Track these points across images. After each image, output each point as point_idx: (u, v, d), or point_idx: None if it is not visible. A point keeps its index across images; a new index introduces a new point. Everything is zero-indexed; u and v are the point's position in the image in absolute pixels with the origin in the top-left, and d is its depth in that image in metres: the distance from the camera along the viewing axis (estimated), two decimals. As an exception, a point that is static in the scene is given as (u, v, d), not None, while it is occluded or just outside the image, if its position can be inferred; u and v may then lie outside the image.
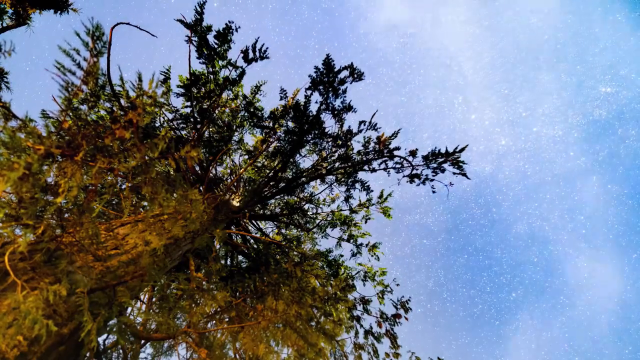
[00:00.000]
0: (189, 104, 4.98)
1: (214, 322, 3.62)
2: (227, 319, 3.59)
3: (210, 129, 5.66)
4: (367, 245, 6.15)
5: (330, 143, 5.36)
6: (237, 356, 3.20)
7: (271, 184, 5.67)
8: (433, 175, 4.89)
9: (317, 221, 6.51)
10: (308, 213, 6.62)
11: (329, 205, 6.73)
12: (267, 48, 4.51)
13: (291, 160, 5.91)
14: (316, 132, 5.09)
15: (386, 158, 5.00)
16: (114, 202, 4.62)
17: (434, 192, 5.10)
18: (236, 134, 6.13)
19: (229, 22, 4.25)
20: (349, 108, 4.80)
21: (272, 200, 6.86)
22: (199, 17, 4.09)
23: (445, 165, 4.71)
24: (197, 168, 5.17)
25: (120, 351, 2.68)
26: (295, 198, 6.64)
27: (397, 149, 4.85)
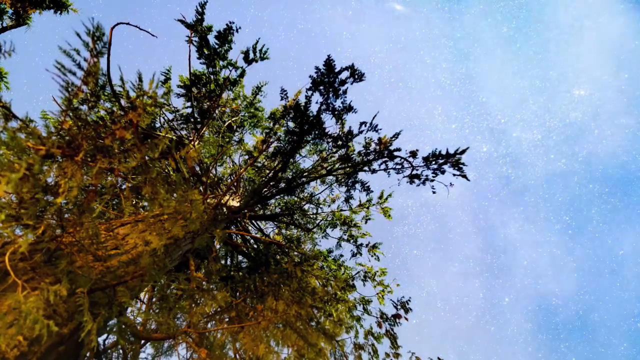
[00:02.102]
0: (189, 104, 4.99)
1: (214, 322, 3.62)
2: (227, 319, 3.59)
3: (211, 129, 5.67)
4: (367, 245, 6.15)
5: (330, 143, 5.36)
6: (237, 356, 3.20)
7: (271, 184, 5.67)
8: (433, 176, 4.89)
9: (318, 221, 6.51)
10: (308, 213, 6.62)
11: (329, 206, 6.74)
12: (267, 49, 4.52)
13: (291, 160, 5.91)
14: (316, 132, 5.09)
15: (386, 159, 5.00)
16: (114, 202, 4.62)
17: (434, 192, 5.10)
18: (236, 134, 6.13)
19: (230, 22, 4.25)
20: (349, 109, 4.80)
21: (272, 201, 6.86)
22: (199, 17, 4.09)
23: (446, 167, 4.71)
24: (197, 168, 5.18)
25: (120, 351, 2.68)
26: (296, 198, 6.64)
27: (398, 150, 4.85)
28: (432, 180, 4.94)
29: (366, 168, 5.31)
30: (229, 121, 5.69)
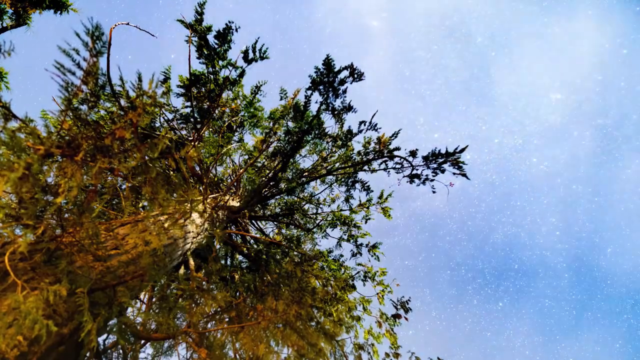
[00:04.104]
0: (189, 104, 4.98)
1: (214, 322, 3.62)
2: (227, 319, 3.59)
3: (210, 129, 5.66)
4: (367, 245, 6.15)
5: (330, 143, 5.36)
6: (237, 356, 3.20)
7: (271, 184, 5.67)
8: (433, 176, 4.89)
9: (318, 221, 6.51)
10: (308, 213, 6.62)
11: (329, 206, 6.73)
12: (267, 48, 4.51)
13: (291, 160, 5.91)
14: (316, 132, 5.09)
15: (386, 158, 5.00)
16: (114, 202, 4.62)
17: (434, 192, 5.10)
18: (236, 133, 6.13)
19: (229, 22, 4.25)
20: (349, 108, 4.80)
21: (272, 201, 6.86)
22: (199, 17, 4.09)
23: (445, 166, 4.71)
24: (197, 168, 5.17)
25: (120, 351, 2.68)
26: (296, 198, 6.64)
27: (397, 149, 4.85)
28: (432, 180, 4.94)
29: (366, 167, 5.31)
30: (229, 121, 5.69)
